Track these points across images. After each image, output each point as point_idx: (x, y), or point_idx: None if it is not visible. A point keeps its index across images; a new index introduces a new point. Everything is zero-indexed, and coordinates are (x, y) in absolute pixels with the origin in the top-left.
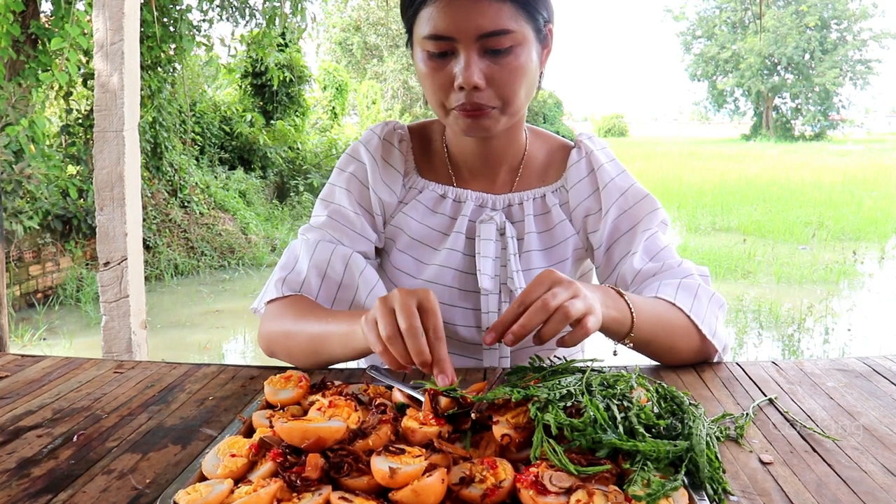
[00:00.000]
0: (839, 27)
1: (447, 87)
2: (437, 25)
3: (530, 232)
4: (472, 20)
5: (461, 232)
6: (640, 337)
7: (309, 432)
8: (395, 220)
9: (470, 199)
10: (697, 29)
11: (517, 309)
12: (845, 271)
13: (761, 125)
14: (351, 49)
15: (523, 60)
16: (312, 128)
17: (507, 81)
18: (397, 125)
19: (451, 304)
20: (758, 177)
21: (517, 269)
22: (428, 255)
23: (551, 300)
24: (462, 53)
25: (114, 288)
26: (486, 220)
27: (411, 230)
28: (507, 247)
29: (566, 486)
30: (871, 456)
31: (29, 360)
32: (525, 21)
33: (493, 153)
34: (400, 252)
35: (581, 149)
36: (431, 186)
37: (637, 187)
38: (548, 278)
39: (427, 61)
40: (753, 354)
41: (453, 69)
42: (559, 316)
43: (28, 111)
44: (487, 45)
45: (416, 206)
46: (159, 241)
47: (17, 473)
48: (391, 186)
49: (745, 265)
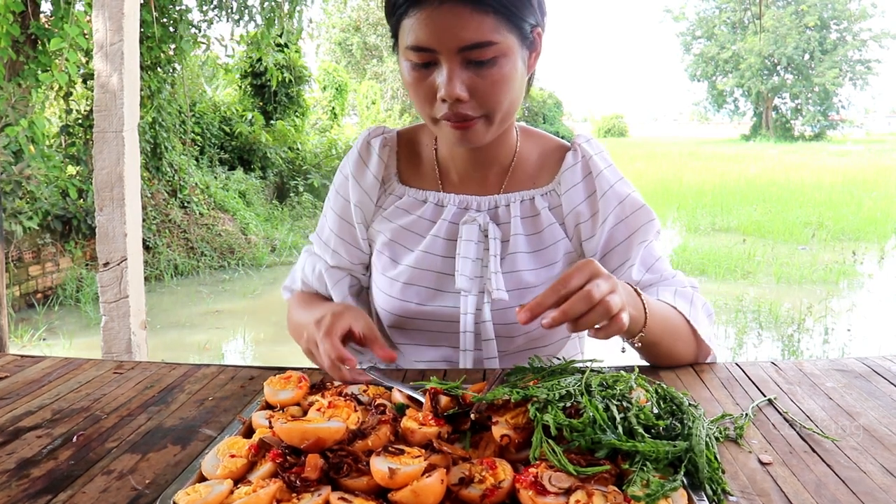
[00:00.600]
0: (839, 27)
1: (431, 99)
2: (418, 37)
3: (517, 234)
4: (453, 32)
5: (439, 235)
6: (649, 337)
7: (308, 433)
8: (374, 224)
9: (452, 202)
10: (697, 29)
11: (554, 294)
12: (845, 271)
13: (761, 125)
14: (350, 49)
15: (507, 71)
16: (312, 128)
17: (491, 93)
18: (385, 130)
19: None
20: (757, 177)
21: (496, 270)
22: (402, 255)
23: (595, 291)
24: (444, 65)
25: (113, 288)
26: (468, 221)
27: (388, 233)
28: (488, 247)
29: (565, 487)
30: (870, 456)
31: (29, 360)
32: (509, 31)
33: (482, 156)
34: (378, 252)
35: (577, 152)
36: (411, 192)
37: (635, 196)
38: (588, 268)
39: (411, 71)
40: (753, 355)
41: (436, 80)
42: (601, 309)
43: (28, 111)
44: (470, 57)
45: (395, 211)
46: (159, 242)
47: (16, 474)
48: (369, 193)
49: (744, 265)
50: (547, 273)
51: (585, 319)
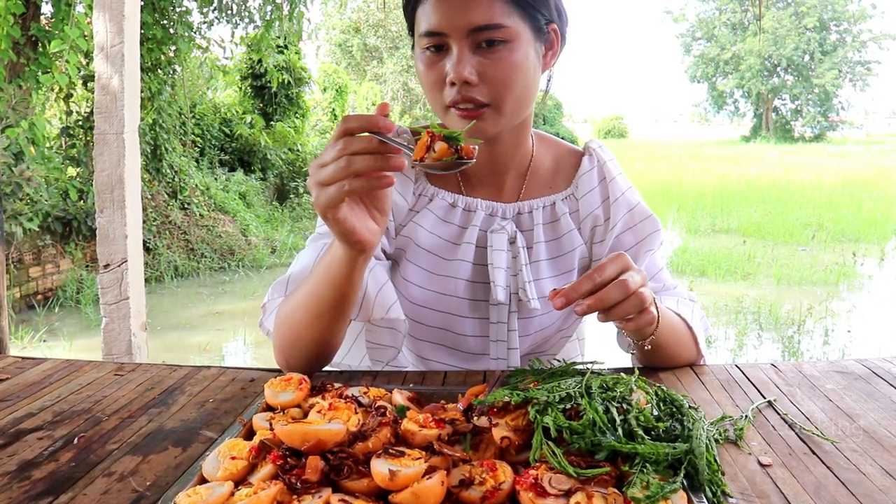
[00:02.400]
0: (838, 28)
1: (441, 83)
2: (430, 20)
3: (539, 241)
4: (463, 14)
5: (471, 242)
6: (658, 340)
7: (309, 435)
8: (406, 229)
9: (480, 207)
10: (697, 30)
11: (589, 282)
12: (845, 273)
13: (761, 127)
14: (351, 51)
15: (518, 58)
16: (312, 129)
17: (500, 77)
18: (401, 129)
19: (461, 315)
20: (758, 178)
21: (529, 279)
22: (439, 266)
23: (630, 282)
24: (454, 48)
25: (114, 290)
26: (497, 229)
27: (421, 240)
28: (517, 256)
29: (565, 489)
30: (869, 458)
31: (29, 362)
32: (520, 18)
33: (499, 159)
34: (410, 263)
35: (592, 157)
36: (442, 194)
37: (643, 206)
38: (621, 260)
39: (424, 58)
40: (753, 356)
41: (447, 65)
42: (635, 300)
43: (28, 113)
44: (479, 39)
45: (427, 216)
46: (159, 243)
47: (17, 476)
48: (402, 192)
49: (744, 267)
50: (566, 280)
51: (619, 308)
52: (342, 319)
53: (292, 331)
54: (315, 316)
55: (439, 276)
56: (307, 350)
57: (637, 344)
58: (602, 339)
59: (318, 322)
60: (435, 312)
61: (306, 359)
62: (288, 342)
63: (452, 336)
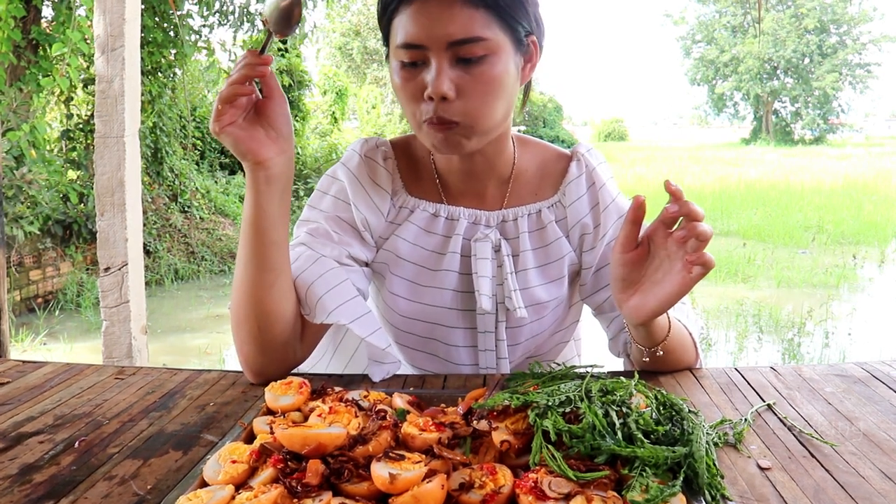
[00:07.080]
0: (838, 31)
1: (418, 98)
2: (408, 32)
3: (525, 250)
4: (442, 27)
5: (456, 252)
6: (668, 345)
7: (309, 438)
8: (388, 242)
9: (463, 216)
10: (697, 33)
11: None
12: (845, 275)
13: (761, 129)
14: (351, 54)
15: (497, 72)
16: (313, 132)
17: (479, 93)
18: (379, 141)
19: (449, 326)
20: (757, 181)
21: (514, 288)
22: (425, 277)
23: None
24: (433, 62)
25: (114, 293)
26: (480, 238)
27: (405, 252)
28: (502, 264)
29: (565, 492)
30: (869, 461)
31: (30, 366)
32: (500, 30)
33: (479, 167)
34: (395, 276)
35: (580, 162)
36: (422, 205)
37: None
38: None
39: (400, 71)
40: (753, 359)
41: (425, 79)
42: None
43: (29, 116)
44: (459, 53)
45: (409, 227)
46: (160, 246)
47: (18, 479)
48: (379, 206)
49: (744, 269)
50: (557, 288)
51: (704, 228)
52: (268, 270)
53: (234, 309)
54: (243, 269)
55: (426, 287)
56: (250, 326)
57: (648, 350)
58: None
59: (247, 278)
60: (424, 324)
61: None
62: (234, 325)
63: (444, 347)
